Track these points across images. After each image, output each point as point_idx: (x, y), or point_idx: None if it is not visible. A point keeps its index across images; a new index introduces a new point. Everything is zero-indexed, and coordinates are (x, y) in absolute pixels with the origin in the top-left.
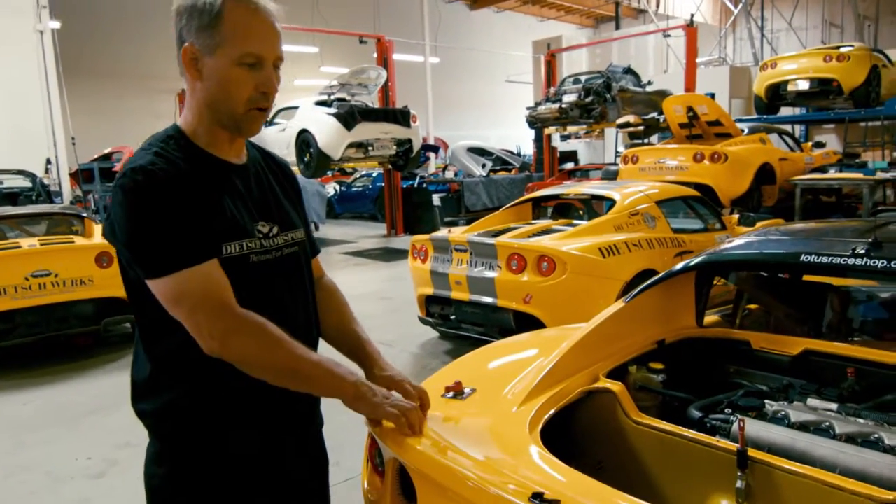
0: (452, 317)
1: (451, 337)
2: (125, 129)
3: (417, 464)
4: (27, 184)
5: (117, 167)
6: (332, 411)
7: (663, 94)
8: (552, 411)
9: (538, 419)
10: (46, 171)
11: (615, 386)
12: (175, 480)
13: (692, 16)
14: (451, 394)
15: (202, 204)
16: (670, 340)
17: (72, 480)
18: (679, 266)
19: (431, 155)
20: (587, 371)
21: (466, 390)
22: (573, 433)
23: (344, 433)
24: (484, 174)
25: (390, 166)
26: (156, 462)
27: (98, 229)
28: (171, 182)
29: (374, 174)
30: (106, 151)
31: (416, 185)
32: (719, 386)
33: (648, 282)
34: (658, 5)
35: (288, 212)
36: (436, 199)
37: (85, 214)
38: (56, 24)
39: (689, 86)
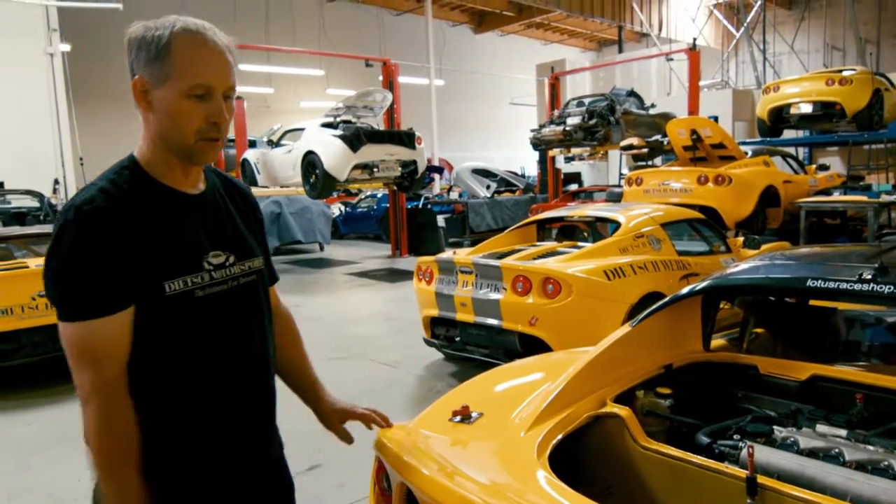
0: (457, 338)
1: (456, 359)
2: (131, 150)
3: (425, 488)
4: (35, 204)
5: None
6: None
7: (667, 117)
8: (560, 436)
9: (546, 444)
10: (54, 191)
11: (623, 411)
12: None
13: (694, 39)
14: (458, 418)
15: (138, 243)
16: (677, 365)
17: (74, 502)
18: (685, 290)
19: (436, 176)
20: (594, 395)
21: (474, 414)
22: (581, 458)
23: (350, 455)
24: (488, 195)
25: (395, 187)
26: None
27: None
28: (102, 224)
29: (379, 195)
30: None
31: (420, 206)
32: (727, 411)
33: (655, 306)
34: (661, 29)
35: (246, 240)
36: (440, 220)
37: None
38: (66, 47)
39: (693, 109)
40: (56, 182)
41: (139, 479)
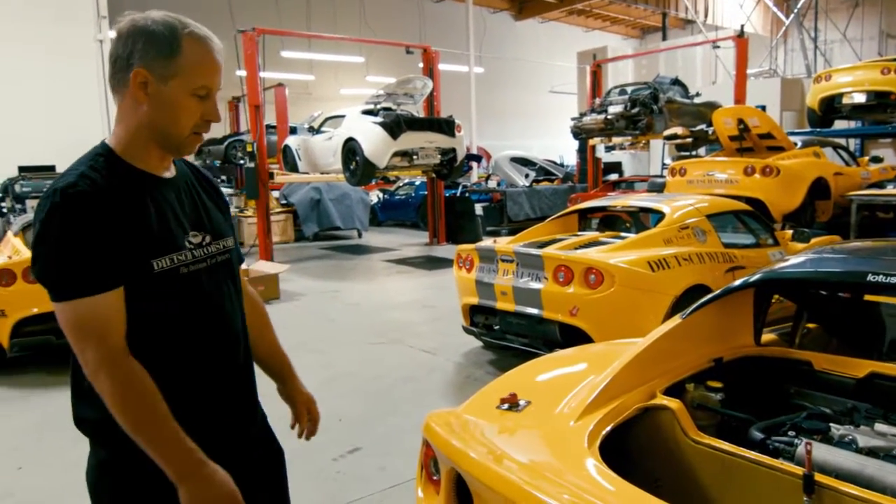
0: (496, 327)
1: (494, 347)
2: None
3: (477, 474)
4: None
5: None
6: (384, 415)
7: (712, 106)
8: (610, 427)
9: (596, 434)
10: None
11: (673, 403)
12: (120, 490)
13: (742, 26)
14: (506, 405)
15: (125, 224)
16: (728, 358)
17: None
18: (737, 282)
19: (474, 164)
20: (643, 387)
21: (521, 402)
22: (629, 450)
23: (391, 439)
24: (527, 184)
25: (434, 175)
26: (99, 471)
27: None
28: (89, 206)
29: (417, 182)
30: None
31: (458, 195)
32: (779, 407)
33: (705, 298)
34: (706, 15)
35: (218, 221)
36: (478, 208)
37: None
38: (113, 34)
39: (739, 97)
40: None
41: (184, 434)
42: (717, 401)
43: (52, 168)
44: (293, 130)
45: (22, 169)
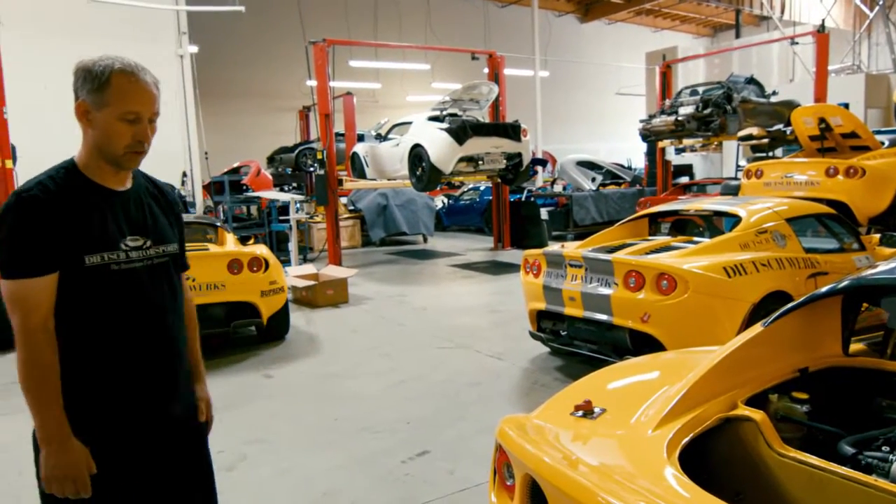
0: (564, 333)
1: (561, 353)
2: (251, 145)
3: (555, 481)
4: None
5: (245, 180)
6: (452, 419)
7: (790, 105)
8: (690, 436)
9: (675, 444)
10: (182, 182)
11: (756, 414)
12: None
13: (823, 21)
14: (580, 412)
15: (67, 224)
16: (814, 369)
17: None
18: (824, 289)
19: (539, 169)
20: (724, 397)
21: (597, 410)
22: (709, 461)
23: (460, 442)
24: (593, 188)
25: (499, 180)
26: (35, 436)
27: (230, 238)
28: (36, 208)
29: (482, 188)
30: (235, 165)
31: (523, 199)
32: (869, 420)
33: (789, 305)
34: (783, 11)
35: (162, 229)
36: (543, 213)
37: (219, 224)
38: (194, 49)
39: (820, 95)
40: (184, 175)
41: (62, 410)
42: (802, 413)
43: None
44: (361, 138)
45: None
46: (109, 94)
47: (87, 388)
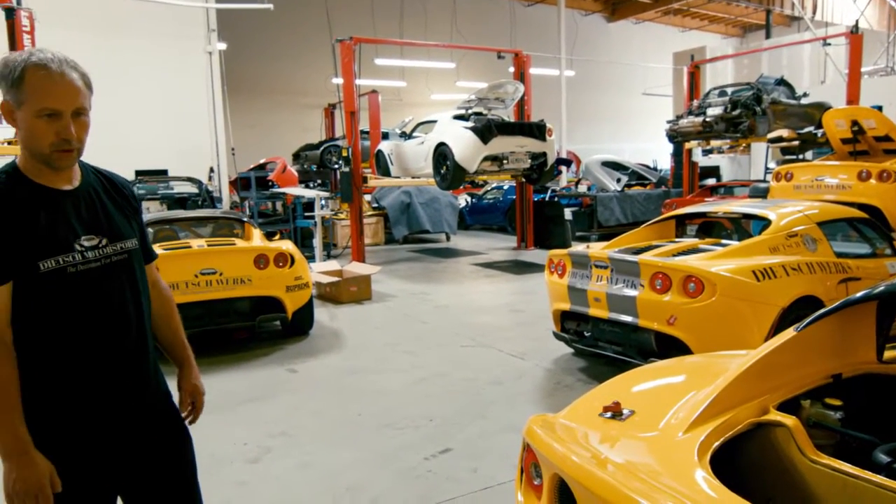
0: (588, 334)
1: (585, 354)
2: (278, 141)
3: (586, 482)
4: (194, 189)
5: (271, 176)
6: (474, 417)
7: (821, 107)
8: (721, 440)
9: (706, 447)
10: (209, 178)
11: (789, 420)
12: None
13: (857, 21)
14: (609, 413)
15: (14, 231)
16: (847, 375)
17: (231, 464)
18: (859, 295)
19: (563, 168)
20: (755, 402)
21: (625, 411)
22: (739, 465)
23: (482, 441)
24: (618, 189)
25: (523, 179)
26: None
27: (257, 233)
28: None
29: (506, 187)
30: (261, 162)
31: (547, 199)
32: None
33: (822, 310)
34: (815, 11)
35: (119, 225)
36: (567, 213)
37: (246, 219)
38: (222, 46)
39: (853, 97)
40: (211, 170)
41: (22, 423)
42: (836, 419)
43: (164, 172)
44: (385, 136)
45: (138, 173)
46: (24, 90)
47: (48, 397)
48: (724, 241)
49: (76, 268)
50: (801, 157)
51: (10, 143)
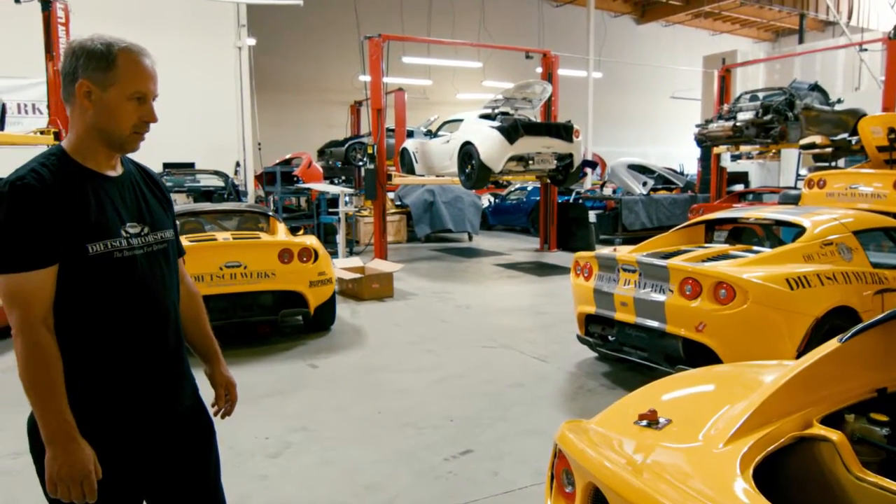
0: (612, 338)
1: (609, 359)
2: (303, 137)
3: (622, 491)
4: (220, 183)
5: (296, 171)
6: (494, 419)
7: (855, 114)
8: (763, 453)
9: (749, 460)
10: (235, 172)
11: (834, 434)
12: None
13: (894, 27)
14: (645, 422)
15: (66, 213)
16: (893, 389)
17: (252, 458)
18: None
19: (588, 171)
20: (798, 415)
21: (662, 420)
22: (781, 480)
23: (503, 444)
24: (644, 192)
25: (548, 181)
26: (32, 420)
27: (282, 227)
28: (31, 197)
29: (529, 188)
30: (286, 157)
31: (571, 201)
32: None
33: (867, 322)
34: (850, 17)
35: (158, 215)
36: (592, 215)
37: (271, 213)
38: (252, 41)
39: (889, 105)
40: (237, 164)
41: (68, 408)
42: (882, 436)
43: (191, 165)
44: (410, 134)
45: (166, 165)
46: (116, 73)
47: (91, 383)
48: (755, 248)
49: (122, 253)
50: (833, 164)
51: (42, 132)
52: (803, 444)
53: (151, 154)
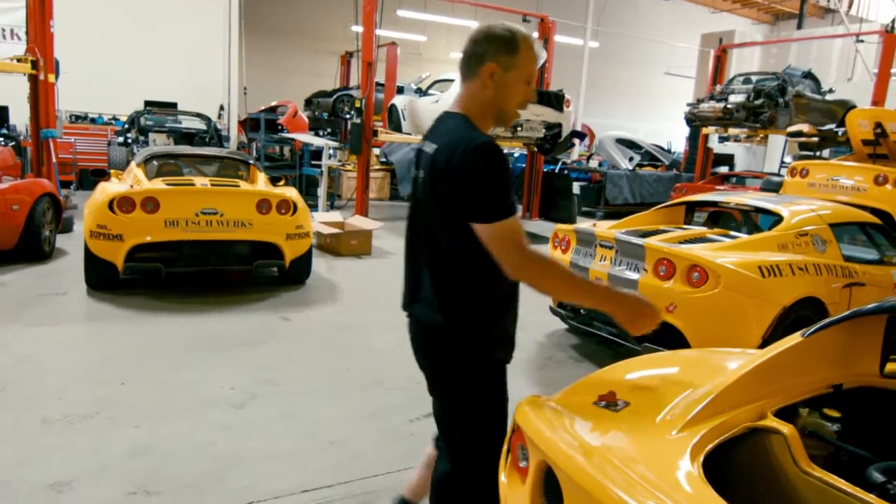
0: (584, 311)
1: (578, 332)
2: (291, 85)
3: (572, 472)
4: (203, 126)
5: (281, 120)
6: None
7: (845, 105)
8: (715, 443)
9: (700, 448)
10: (219, 116)
11: (785, 428)
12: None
13: (893, 21)
14: (603, 403)
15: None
16: (848, 386)
17: (216, 406)
18: (870, 306)
19: (576, 141)
20: (754, 406)
21: (620, 403)
22: (729, 470)
23: None
24: (630, 168)
25: (535, 149)
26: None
27: (262, 177)
28: (504, 155)
29: (516, 154)
30: (272, 104)
31: (557, 171)
32: None
33: (832, 318)
34: (850, 6)
35: None
36: (576, 187)
37: (252, 161)
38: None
39: (878, 98)
40: (221, 108)
41: (589, 282)
42: (832, 431)
43: (174, 105)
44: (400, 90)
45: (147, 104)
46: (519, 58)
47: (498, 302)
48: (732, 233)
49: None
50: (818, 154)
51: (18, 60)
52: (755, 434)
53: (133, 92)
